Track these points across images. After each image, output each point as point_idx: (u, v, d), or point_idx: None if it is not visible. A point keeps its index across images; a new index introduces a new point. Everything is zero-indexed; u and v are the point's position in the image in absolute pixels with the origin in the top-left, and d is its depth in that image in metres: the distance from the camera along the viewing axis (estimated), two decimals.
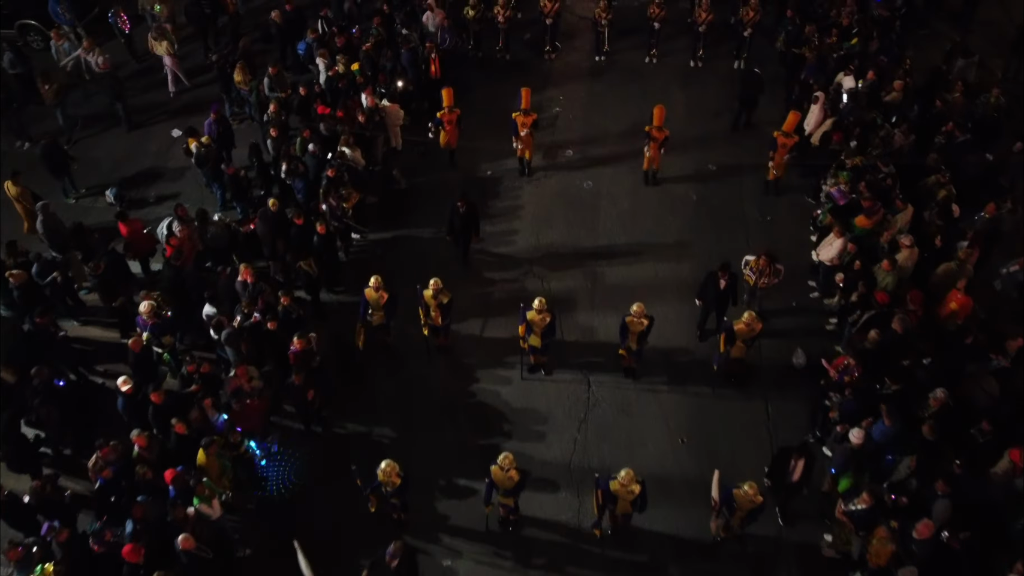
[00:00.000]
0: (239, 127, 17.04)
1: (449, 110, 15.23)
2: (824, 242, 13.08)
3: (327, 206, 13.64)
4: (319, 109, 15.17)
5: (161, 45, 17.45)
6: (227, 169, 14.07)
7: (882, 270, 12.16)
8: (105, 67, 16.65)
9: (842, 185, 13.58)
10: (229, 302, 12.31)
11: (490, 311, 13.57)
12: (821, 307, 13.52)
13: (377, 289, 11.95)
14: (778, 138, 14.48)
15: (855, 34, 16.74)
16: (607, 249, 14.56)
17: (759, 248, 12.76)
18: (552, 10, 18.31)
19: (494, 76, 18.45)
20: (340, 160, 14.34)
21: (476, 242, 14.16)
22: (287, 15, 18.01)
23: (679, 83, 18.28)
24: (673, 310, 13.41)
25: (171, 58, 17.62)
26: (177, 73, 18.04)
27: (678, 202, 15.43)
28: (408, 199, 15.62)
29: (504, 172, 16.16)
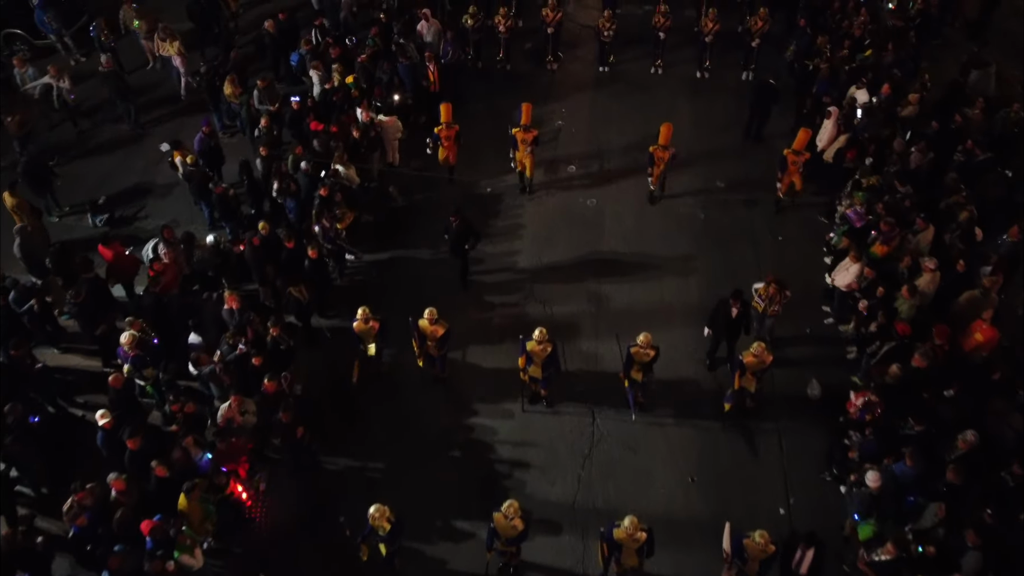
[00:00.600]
0: (230, 141, 16.48)
1: (447, 126, 14.64)
2: (840, 267, 12.48)
3: (319, 227, 13.06)
4: (312, 125, 14.57)
5: (173, 45, 16.94)
6: (215, 189, 13.45)
7: (901, 297, 11.55)
8: (108, 66, 16.19)
9: (858, 206, 12.98)
10: (216, 330, 11.72)
11: (489, 338, 12.97)
12: (836, 334, 12.94)
13: (366, 320, 11.35)
14: (788, 156, 13.89)
15: (868, 45, 16.15)
16: (611, 271, 13.97)
17: (768, 273, 12.12)
18: (554, 19, 17.72)
19: (494, 87, 17.88)
20: (334, 179, 13.75)
21: (471, 248, 13.53)
22: (280, 24, 17.43)
23: (685, 95, 17.69)
24: (680, 337, 12.81)
25: (181, 58, 17.05)
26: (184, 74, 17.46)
27: (685, 221, 14.84)
28: (405, 217, 15.03)
29: (504, 189, 15.57)
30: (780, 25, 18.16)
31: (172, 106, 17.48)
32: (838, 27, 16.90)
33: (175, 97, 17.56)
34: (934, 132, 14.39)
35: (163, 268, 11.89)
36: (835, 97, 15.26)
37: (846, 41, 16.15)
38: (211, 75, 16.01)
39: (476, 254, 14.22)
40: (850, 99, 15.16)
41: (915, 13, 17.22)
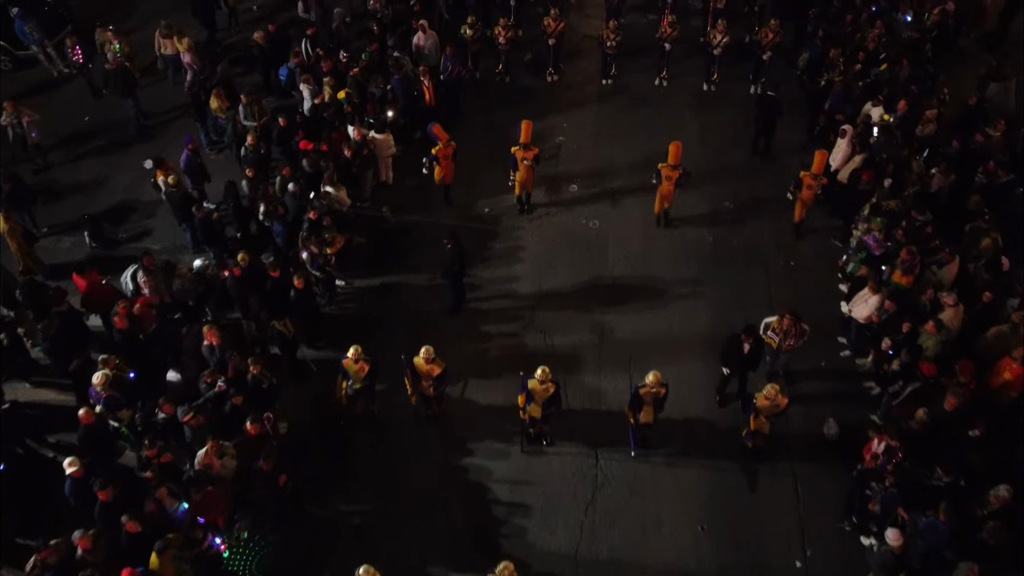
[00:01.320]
0: (217, 158, 15.81)
1: (445, 144, 13.93)
2: (858, 297, 11.78)
3: (307, 253, 12.36)
4: (301, 144, 13.86)
5: (182, 42, 16.33)
6: (197, 213, 12.75)
7: (926, 333, 10.86)
8: (114, 64, 15.77)
9: (876, 232, 12.27)
10: (195, 366, 11.02)
11: (486, 371, 12.27)
12: (853, 368, 12.24)
13: (357, 360, 10.64)
14: (804, 179, 13.19)
15: (883, 60, 15.44)
16: (615, 298, 13.27)
17: (782, 306, 11.39)
18: (556, 30, 17.03)
19: (493, 101, 17.21)
20: (324, 201, 13.05)
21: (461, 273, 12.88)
22: (270, 36, 16.73)
23: (692, 109, 17.00)
24: (689, 370, 12.12)
25: (190, 54, 16.34)
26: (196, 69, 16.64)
27: (693, 244, 14.14)
28: (400, 239, 14.34)
29: (504, 209, 14.87)
30: (789, 35, 17.48)
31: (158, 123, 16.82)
32: (851, 40, 16.17)
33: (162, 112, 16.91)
34: (954, 152, 13.70)
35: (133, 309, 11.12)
36: (849, 114, 14.58)
37: (860, 54, 15.43)
38: (197, 89, 15.31)
39: (473, 279, 13.57)
40: (865, 116, 14.46)
41: (932, 25, 16.50)
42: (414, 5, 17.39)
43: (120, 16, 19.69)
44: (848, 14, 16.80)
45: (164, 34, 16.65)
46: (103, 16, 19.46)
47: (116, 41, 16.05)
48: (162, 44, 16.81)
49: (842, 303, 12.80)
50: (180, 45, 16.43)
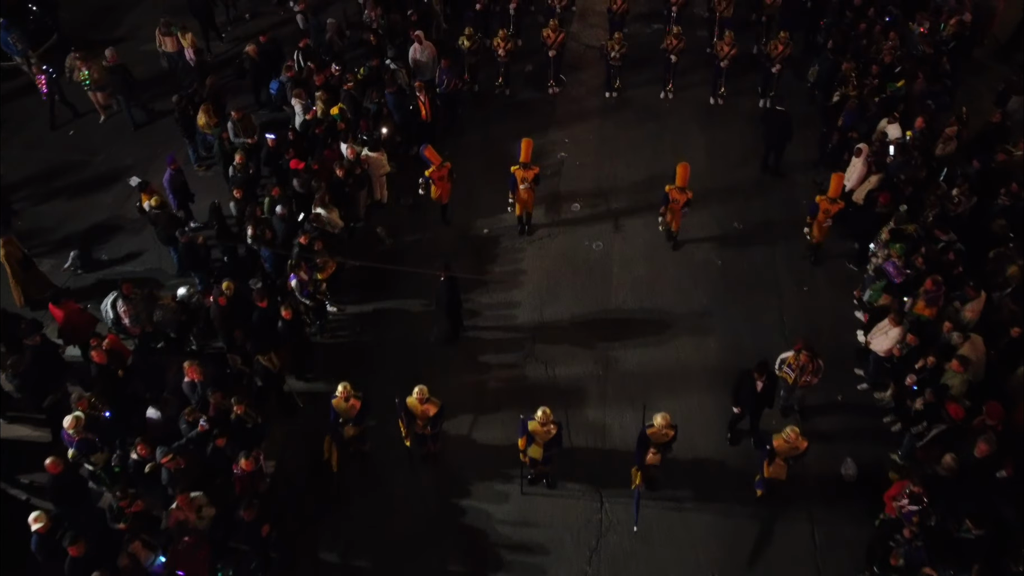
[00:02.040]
0: (206, 175, 15.20)
1: (438, 166, 13.32)
2: (877, 329, 11.15)
3: (296, 280, 11.74)
4: (292, 163, 13.25)
5: (185, 37, 16.21)
6: (182, 238, 12.13)
7: (950, 370, 10.23)
8: (113, 60, 15.47)
9: (896, 259, 11.64)
10: (176, 403, 10.40)
11: (484, 406, 11.66)
12: (871, 401, 11.60)
13: (347, 398, 10.01)
14: (821, 203, 12.56)
15: (899, 74, 14.81)
16: (620, 326, 12.64)
17: (798, 340, 10.74)
18: (556, 41, 16.41)
19: (491, 115, 16.60)
20: (314, 224, 12.43)
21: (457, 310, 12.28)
22: (262, 47, 16.12)
23: (698, 124, 16.38)
24: (698, 404, 11.50)
25: (193, 49, 16.26)
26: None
27: (701, 268, 13.51)
28: (394, 262, 13.68)
29: (503, 230, 14.25)
30: (798, 46, 16.86)
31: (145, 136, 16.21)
32: (865, 52, 15.54)
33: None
34: (975, 172, 13.07)
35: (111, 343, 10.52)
36: (863, 132, 13.95)
37: (874, 68, 14.80)
38: (184, 104, 14.69)
39: (471, 305, 12.96)
40: (880, 134, 13.84)
41: (949, 36, 15.87)
42: (411, 15, 16.77)
43: (109, 25, 19.18)
44: (862, 23, 16.13)
45: (164, 32, 16.38)
46: (91, 25, 19.03)
47: (85, 68, 15.34)
48: (162, 42, 16.52)
49: (859, 332, 12.17)
50: (184, 40, 16.25)
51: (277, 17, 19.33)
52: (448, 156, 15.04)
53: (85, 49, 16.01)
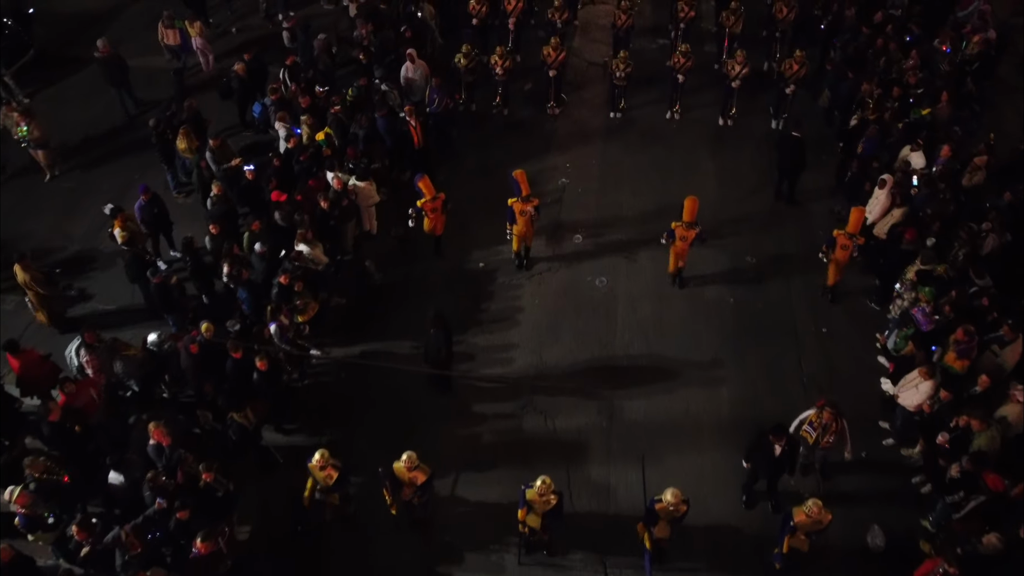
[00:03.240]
0: (186, 202, 14.32)
1: (431, 198, 12.43)
2: (906, 381, 10.25)
3: (276, 326, 10.84)
4: (273, 195, 12.36)
5: (194, 27, 16.24)
6: (153, 278, 11.24)
7: (975, 431, 9.35)
8: (106, 51, 15.24)
9: (924, 304, 10.74)
10: (142, 465, 9.51)
11: (478, 461, 10.76)
12: (898, 459, 10.70)
13: (323, 467, 9.11)
14: (839, 238, 11.67)
15: (921, 97, 13.89)
16: (625, 372, 11.75)
17: (821, 397, 9.83)
18: (556, 60, 15.52)
19: (489, 137, 15.72)
20: (296, 262, 11.54)
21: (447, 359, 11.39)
22: (249, 65, 15.22)
23: (708, 147, 15.48)
24: (710, 463, 10.61)
25: (202, 39, 16.36)
26: (208, 54, 16.72)
27: (712, 307, 12.61)
28: (383, 299, 12.83)
29: (499, 263, 13.36)
30: (812, 64, 15.96)
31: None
32: (885, 72, 14.62)
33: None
34: (1007, 205, 12.18)
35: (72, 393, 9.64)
36: (885, 161, 13.06)
37: (895, 89, 13.89)
38: (162, 127, 13.80)
39: (465, 347, 12.09)
40: (903, 162, 12.94)
41: (973, 56, 14.96)
42: (404, 31, 15.89)
43: (86, 40, 18.21)
44: (879, 39, 15.21)
45: (167, 25, 16.12)
46: (68, 41, 18.14)
47: (23, 123, 14.13)
48: (165, 35, 16.21)
49: (883, 381, 11.26)
50: (192, 29, 16.19)
51: (265, 30, 18.43)
52: (442, 182, 14.27)
53: (29, 98, 15.54)
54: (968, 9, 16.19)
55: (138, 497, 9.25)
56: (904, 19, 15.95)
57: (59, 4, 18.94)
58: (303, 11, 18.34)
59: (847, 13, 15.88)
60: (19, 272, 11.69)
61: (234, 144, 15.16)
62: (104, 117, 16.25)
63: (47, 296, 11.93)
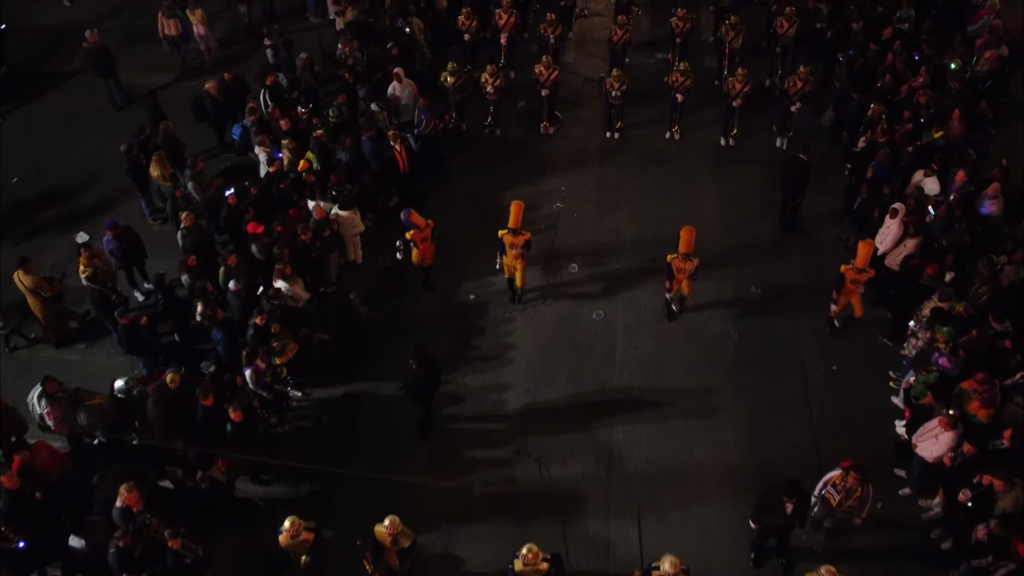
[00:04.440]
0: (162, 229, 13.62)
1: (419, 229, 11.76)
2: (925, 430, 9.58)
3: (251, 371, 10.14)
4: (250, 227, 11.67)
5: (195, 14, 16.18)
6: (121, 319, 10.54)
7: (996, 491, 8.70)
8: (94, 41, 15.27)
9: (941, 344, 10.08)
10: (105, 528, 8.82)
11: (469, 516, 10.08)
12: (916, 509, 10.03)
13: (295, 535, 8.41)
14: (847, 273, 11.02)
15: (933, 118, 13.24)
16: (625, 414, 11.07)
17: (850, 456, 9.07)
18: (549, 79, 14.84)
19: (480, 159, 15.06)
20: (274, 300, 10.85)
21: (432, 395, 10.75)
22: (226, 85, 14.56)
23: (709, 169, 14.83)
24: (715, 515, 9.95)
25: (203, 27, 16.33)
26: (209, 42, 16.81)
27: (716, 342, 11.95)
28: (369, 334, 12.16)
29: (491, 295, 12.69)
30: (819, 76, 15.34)
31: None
32: (893, 91, 13.98)
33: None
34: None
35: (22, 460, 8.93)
36: (896, 187, 12.42)
37: (905, 111, 13.25)
38: (135, 153, 13.10)
39: (454, 387, 11.43)
40: (916, 188, 12.30)
41: (985, 73, 14.33)
42: (391, 48, 15.21)
43: (63, 56, 17.59)
44: (887, 56, 14.56)
45: (167, 14, 16.20)
46: (42, 58, 17.48)
47: None
48: (165, 25, 16.37)
49: (897, 425, 10.63)
50: (194, 17, 16.18)
51: (248, 44, 17.76)
52: (432, 208, 13.68)
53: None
54: (978, 24, 15.55)
55: (100, 562, 8.58)
56: (912, 34, 15.31)
57: (32, 19, 18.28)
58: (287, 25, 17.70)
59: (854, 27, 15.22)
60: (23, 278, 11.33)
61: (214, 167, 14.58)
62: (80, 138, 15.58)
63: (52, 302, 11.54)
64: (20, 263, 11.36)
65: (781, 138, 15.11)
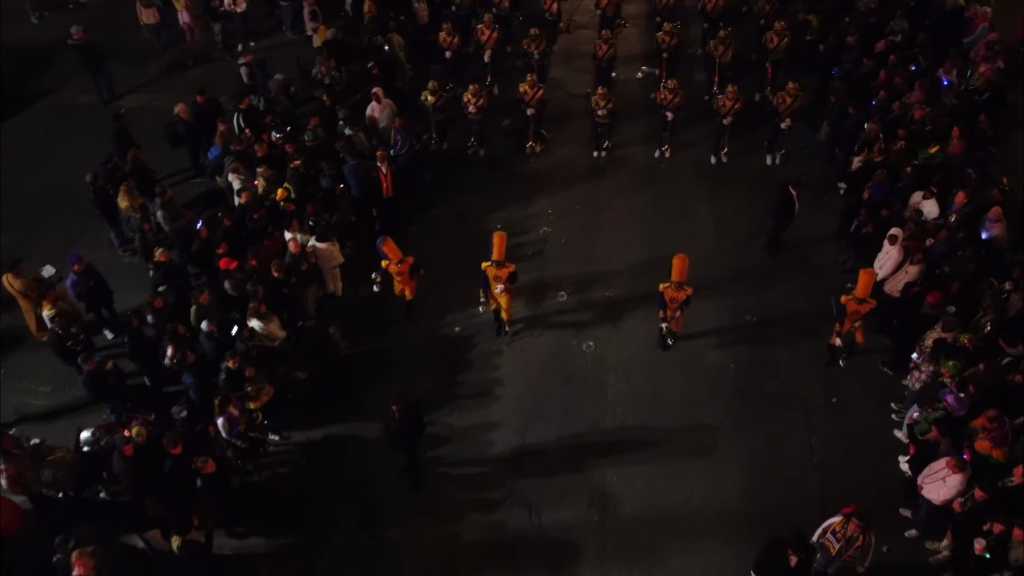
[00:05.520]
0: (132, 261, 13.03)
1: (397, 262, 11.24)
2: (931, 472, 9.14)
3: (224, 420, 9.59)
4: (222, 262, 11.11)
5: (179, 1, 16.24)
6: (85, 365, 9.96)
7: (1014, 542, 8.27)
8: (80, 37, 15.14)
9: (947, 379, 9.65)
10: None
11: (456, 567, 9.58)
12: (923, 551, 9.59)
13: None
14: (847, 304, 10.58)
15: (930, 134, 12.85)
16: (619, 454, 10.57)
17: (852, 503, 8.63)
18: (534, 98, 14.35)
19: (465, 182, 14.57)
20: (248, 341, 10.30)
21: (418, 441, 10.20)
22: (198, 108, 13.98)
23: (701, 189, 14.38)
24: (717, 565, 9.47)
25: (188, 13, 16.34)
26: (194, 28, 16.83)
27: (712, 374, 11.49)
28: (350, 371, 11.63)
29: (477, 327, 12.18)
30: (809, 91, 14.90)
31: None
32: (888, 107, 13.57)
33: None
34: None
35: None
36: (896, 209, 12.00)
37: (901, 131, 12.83)
38: (102, 183, 12.52)
39: (439, 429, 10.90)
40: (915, 210, 11.88)
41: (981, 86, 13.93)
42: (372, 67, 14.66)
43: (32, 75, 16.98)
44: (882, 71, 14.13)
45: (144, 3, 16.12)
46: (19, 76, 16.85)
47: None
48: (143, 14, 16.33)
49: (901, 461, 10.20)
50: (178, 4, 16.23)
51: (223, 64, 17.16)
52: (415, 233, 13.18)
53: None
54: (974, 35, 15.17)
55: None
56: (905, 46, 14.89)
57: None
58: (263, 42, 17.20)
59: (848, 40, 14.81)
60: (13, 281, 11.10)
61: (187, 193, 14.03)
62: (46, 163, 14.96)
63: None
64: (11, 265, 11.11)
65: (772, 155, 14.67)
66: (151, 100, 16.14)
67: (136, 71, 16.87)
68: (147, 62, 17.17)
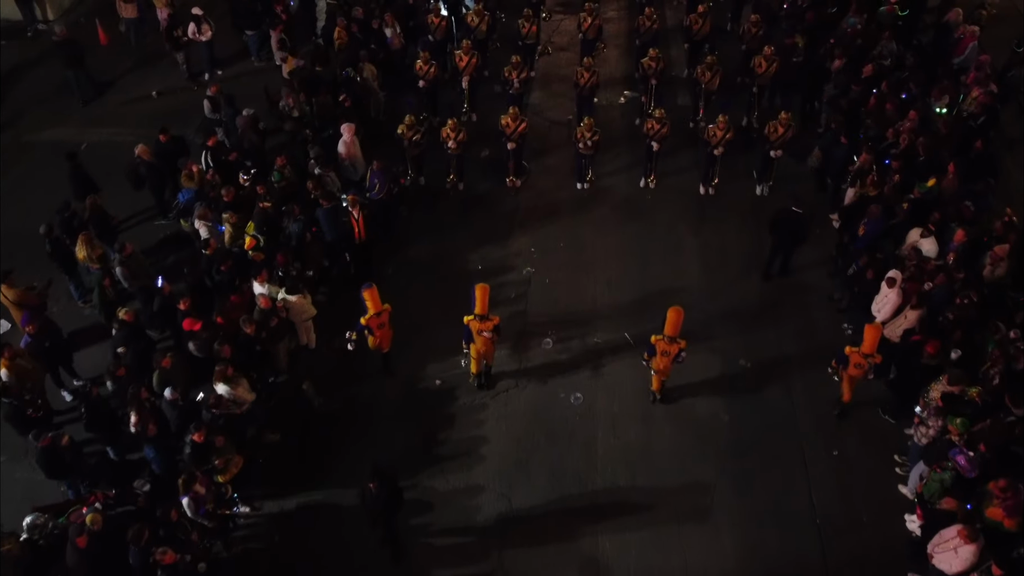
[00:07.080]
0: (93, 312, 12.28)
1: (376, 314, 10.62)
2: (942, 539, 8.65)
3: (189, 500, 8.94)
4: (185, 323, 10.44)
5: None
6: (39, 442, 9.27)
7: None
8: (63, 35, 15.29)
9: (954, 436, 9.18)
10: None
11: None
12: None
13: None
14: (852, 356, 10.09)
15: (924, 165, 12.39)
16: (611, 517, 10.02)
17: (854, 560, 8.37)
18: (516, 131, 13.75)
19: (443, 219, 13.95)
20: (215, 409, 9.64)
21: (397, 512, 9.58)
22: (160, 147, 13.27)
23: (689, 222, 13.84)
24: None
25: (166, 11, 16.13)
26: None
27: (705, 428, 10.96)
28: (325, 429, 10.99)
29: (459, 379, 11.58)
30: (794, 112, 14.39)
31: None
32: (879, 137, 13.12)
33: None
34: None
35: None
36: (891, 251, 11.56)
37: (894, 162, 12.38)
38: (57, 233, 11.81)
39: (420, 493, 10.29)
40: (912, 249, 11.40)
41: (975, 110, 13.50)
42: (344, 100, 14.01)
43: None
44: (872, 98, 13.68)
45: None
46: None
47: None
48: (122, 8, 16.46)
49: (908, 520, 9.75)
50: (158, 2, 16.23)
51: (190, 93, 16.41)
52: (391, 275, 12.59)
53: None
54: (964, 54, 14.75)
55: None
56: (892, 70, 14.44)
57: None
58: (229, 70, 16.50)
59: (834, 65, 14.33)
60: (7, 292, 10.92)
61: (150, 236, 13.34)
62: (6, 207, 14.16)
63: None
64: (3, 276, 10.92)
65: (762, 186, 14.18)
66: (113, 135, 15.33)
67: (97, 103, 16.10)
68: (109, 92, 16.42)
